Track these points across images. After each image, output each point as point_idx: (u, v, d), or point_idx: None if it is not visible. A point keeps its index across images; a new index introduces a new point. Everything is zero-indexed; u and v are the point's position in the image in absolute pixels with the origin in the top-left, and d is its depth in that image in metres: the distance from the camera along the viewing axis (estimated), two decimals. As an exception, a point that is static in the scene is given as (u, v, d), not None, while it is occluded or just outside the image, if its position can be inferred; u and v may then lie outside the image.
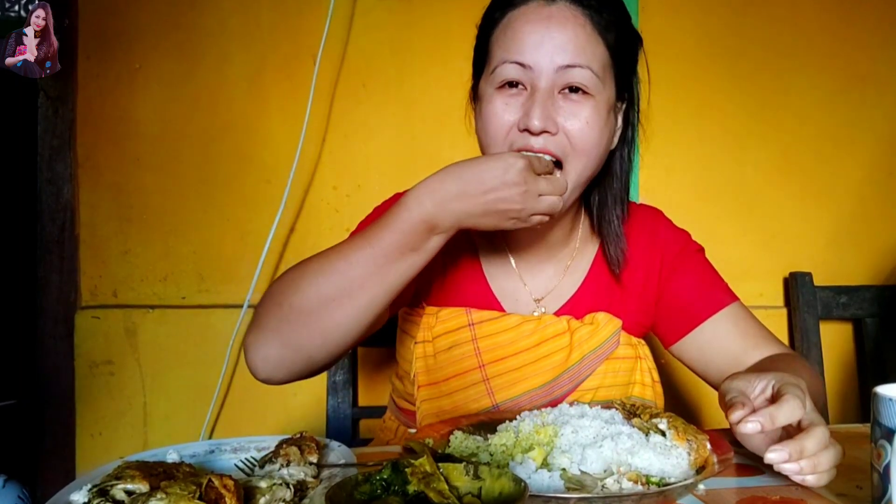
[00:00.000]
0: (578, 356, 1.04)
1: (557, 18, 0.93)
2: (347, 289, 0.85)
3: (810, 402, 0.73)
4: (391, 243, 0.85)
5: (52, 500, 0.66)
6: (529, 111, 0.92)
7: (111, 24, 1.70)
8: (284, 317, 0.87)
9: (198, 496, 0.61)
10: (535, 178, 0.84)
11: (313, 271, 0.87)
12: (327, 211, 1.76)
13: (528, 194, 0.84)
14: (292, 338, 0.87)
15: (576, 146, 0.94)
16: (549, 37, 0.92)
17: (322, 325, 0.86)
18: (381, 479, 0.63)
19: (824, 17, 1.90)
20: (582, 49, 0.93)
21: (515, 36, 0.94)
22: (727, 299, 1.09)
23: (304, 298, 0.86)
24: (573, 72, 0.92)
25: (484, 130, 0.97)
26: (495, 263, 1.11)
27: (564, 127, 0.93)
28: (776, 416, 0.69)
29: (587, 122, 0.94)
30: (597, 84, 0.94)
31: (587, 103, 0.94)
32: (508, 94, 0.95)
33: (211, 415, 1.70)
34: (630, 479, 0.72)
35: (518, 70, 0.93)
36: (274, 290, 0.90)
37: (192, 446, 0.85)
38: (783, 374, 0.77)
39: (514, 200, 0.84)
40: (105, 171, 1.71)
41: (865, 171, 1.93)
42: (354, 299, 0.86)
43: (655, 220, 1.16)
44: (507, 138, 0.95)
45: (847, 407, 1.90)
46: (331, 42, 1.71)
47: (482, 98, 0.99)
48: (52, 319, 1.69)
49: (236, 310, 1.69)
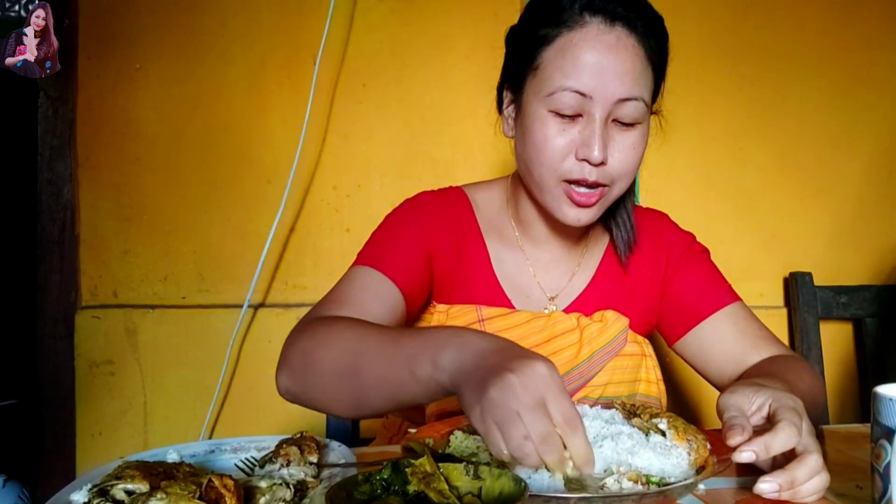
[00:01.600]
0: (588, 353, 1.06)
1: (617, 48, 0.93)
2: (360, 378, 0.83)
3: (807, 424, 0.73)
4: (410, 386, 0.76)
5: (53, 499, 0.66)
6: (589, 142, 0.93)
7: (111, 24, 1.70)
8: (306, 366, 0.87)
9: (198, 496, 0.61)
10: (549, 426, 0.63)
11: (343, 337, 0.86)
12: (327, 211, 1.76)
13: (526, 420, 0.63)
14: (307, 386, 0.88)
15: (622, 172, 0.97)
16: (611, 67, 0.92)
17: (334, 393, 0.86)
18: (382, 479, 0.63)
19: (825, 18, 1.90)
20: (637, 81, 0.94)
21: (577, 63, 0.93)
22: (729, 299, 1.10)
23: (325, 360, 0.86)
24: (629, 105, 0.94)
25: (535, 151, 0.97)
26: (508, 260, 1.12)
27: (614, 154, 0.96)
28: (771, 446, 0.69)
29: (634, 148, 0.97)
30: (645, 113, 0.97)
31: (636, 131, 0.97)
32: (564, 120, 0.95)
33: (211, 415, 1.69)
34: (630, 479, 0.72)
35: (577, 98, 0.93)
36: (305, 336, 0.90)
37: (192, 446, 0.85)
38: (781, 393, 0.76)
39: (511, 405, 0.63)
40: (105, 171, 1.71)
41: (865, 172, 1.93)
42: (361, 390, 0.83)
43: (661, 223, 1.18)
44: (562, 165, 0.96)
45: (847, 407, 1.91)
46: (331, 42, 1.71)
47: (531, 116, 0.98)
48: (52, 319, 1.69)
49: (236, 309, 1.69)
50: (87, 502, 0.63)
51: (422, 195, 1.13)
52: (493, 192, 1.16)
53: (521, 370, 0.63)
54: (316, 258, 1.76)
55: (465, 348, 0.70)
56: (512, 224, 1.14)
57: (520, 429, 0.61)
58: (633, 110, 0.94)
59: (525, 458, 0.61)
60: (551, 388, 0.63)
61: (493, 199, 1.15)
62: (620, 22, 0.93)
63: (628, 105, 0.94)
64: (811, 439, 0.72)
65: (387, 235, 1.08)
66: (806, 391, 0.92)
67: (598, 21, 0.93)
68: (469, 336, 0.73)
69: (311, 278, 1.75)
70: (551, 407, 0.63)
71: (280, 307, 1.74)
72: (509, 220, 1.14)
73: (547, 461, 0.61)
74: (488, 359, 0.67)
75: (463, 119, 1.79)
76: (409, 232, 1.07)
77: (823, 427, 1.09)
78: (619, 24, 0.93)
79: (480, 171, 1.77)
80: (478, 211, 1.13)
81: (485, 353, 0.68)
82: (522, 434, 0.61)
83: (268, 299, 1.75)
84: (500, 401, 0.62)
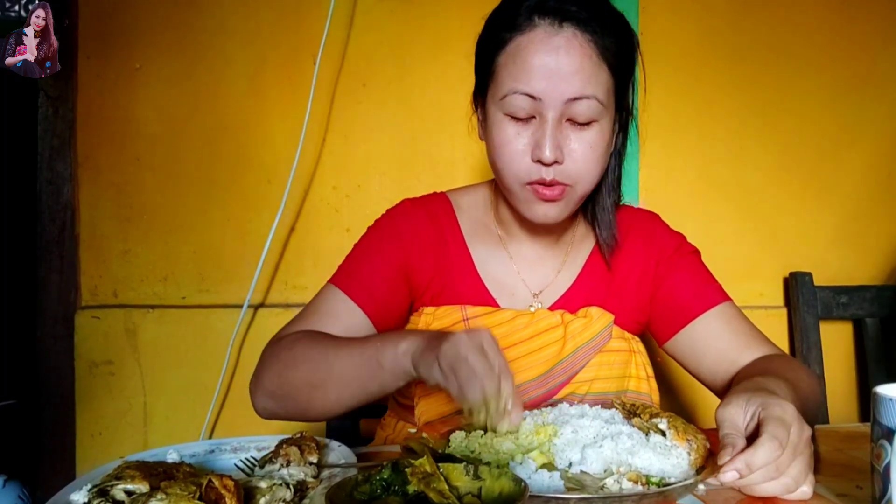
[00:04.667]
0: (572, 348, 1.07)
1: (565, 49, 0.94)
2: (332, 383, 0.96)
3: (797, 424, 0.73)
4: (377, 376, 0.92)
5: (53, 499, 0.66)
6: (541, 142, 0.95)
7: (111, 24, 1.70)
8: (279, 385, 0.99)
9: (198, 496, 0.61)
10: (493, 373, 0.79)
11: (307, 357, 0.97)
12: (327, 211, 1.77)
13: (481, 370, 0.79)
14: (285, 403, 1.00)
15: (582, 170, 0.99)
16: (558, 69, 0.94)
17: (309, 402, 0.98)
18: (381, 479, 0.64)
19: (825, 17, 1.90)
20: (588, 80, 0.95)
21: (524, 66, 0.95)
22: (719, 298, 1.11)
23: (296, 377, 0.97)
24: (580, 103, 0.95)
25: (496, 155, 1.01)
26: (491, 259, 1.14)
27: (571, 153, 0.97)
28: (752, 463, 0.69)
29: (591, 146, 0.98)
30: (601, 111, 0.97)
31: (593, 129, 0.98)
32: (518, 123, 0.98)
33: (211, 415, 1.70)
34: (630, 479, 0.72)
35: (527, 101, 0.95)
36: (276, 353, 1.01)
37: (192, 446, 0.85)
38: (771, 400, 0.75)
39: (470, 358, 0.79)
40: (105, 171, 1.71)
41: (865, 172, 1.93)
42: (336, 392, 0.96)
43: (653, 223, 1.19)
44: (520, 167, 0.98)
45: (847, 407, 1.91)
46: (331, 42, 1.71)
47: (491, 119, 1.01)
48: (52, 319, 1.69)
49: (236, 310, 1.69)
50: (87, 502, 0.64)
51: (402, 205, 1.17)
52: (478, 194, 1.19)
53: (469, 332, 0.81)
54: (316, 258, 1.76)
55: (421, 335, 0.87)
56: (495, 224, 1.16)
57: (466, 366, 0.77)
58: (586, 109, 0.95)
59: (472, 388, 0.77)
60: (491, 345, 0.80)
61: (477, 202, 1.18)
62: (570, 22, 0.95)
63: (580, 104, 0.95)
64: (783, 432, 0.71)
65: (361, 253, 1.13)
66: (805, 390, 0.93)
67: (547, 23, 0.95)
68: (424, 331, 0.91)
69: (310, 278, 1.76)
70: (490, 357, 0.79)
71: (280, 307, 1.75)
72: (493, 220, 1.16)
73: (487, 388, 0.77)
74: (441, 336, 0.82)
75: (462, 119, 1.75)
76: (382, 250, 1.11)
77: (823, 427, 1.09)
78: (568, 24, 0.94)
79: (480, 171, 1.78)
80: (461, 214, 1.16)
81: (438, 335, 0.84)
82: (469, 369, 0.77)
83: (268, 299, 1.75)
84: (450, 350, 0.79)
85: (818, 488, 0.75)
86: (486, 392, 0.77)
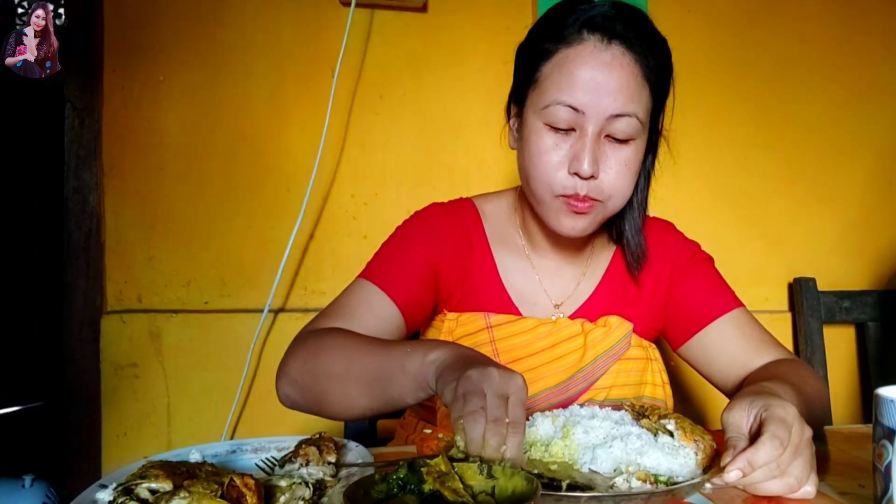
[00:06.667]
0: (592, 356, 1.08)
1: (612, 65, 0.94)
2: (353, 378, 0.92)
3: (798, 426, 0.74)
4: (402, 384, 0.86)
5: (78, 498, 0.67)
6: (579, 156, 0.95)
7: (136, 38, 1.72)
8: (302, 373, 0.96)
9: (220, 495, 0.62)
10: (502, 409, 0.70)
11: (334, 347, 0.95)
12: (345, 218, 1.79)
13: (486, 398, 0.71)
14: (305, 393, 0.96)
15: (615, 186, 0.99)
16: (605, 84, 0.94)
17: (327, 394, 0.94)
18: (398, 478, 0.64)
19: (829, 30, 1.93)
20: (631, 98, 0.95)
21: (571, 78, 0.95)
22: (732, 304, 1.12)
23: (319, 367, 0.94)
24: (622, 121, 0.95)
25: (531, 163, 1.00)
26: (515, 269, 1.14)
27: (607, 170, 0.97)
28: (754, 461, 0.70)
29: (626, 164, 0.98)
30: (639, 129, 0.98)
31: (629, 147, 0.98)
32: (557, 134, 0.97)
33: (232, 416, 1.72)
34: (639, 478, 0.73)
35: (570, 112, 0.95)
36: (305, 341, 0.99)
37: (214, 446, 0.85)
38: (773, 401, 0.76)
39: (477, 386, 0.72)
40: (130, 180, 1.72)
41: (868, 180, 1.95)
42: (356, 389, 0.92)
43: (667, 232, 1.20)
44: (555, 178, 0.98)
45: (850, 408, 1.93)
46: (349, 55, 1.74)
47: (529, 128, 1.00)
48: (78, 323, 1.71)
49: (257, 314, 1.71)
50: (112, 501, 0.63)
51: (431, 207, 1.16)
52: (502, 202, 1.19)
53: (504, 372, 0.73)
54: (334, 264, 1.79)
55: (454, 350, 0.81)
56: (519, 233, 1.16)
57: (481, 401, 0.69)
58: (626, 126, 0.96)
59: (474, 426, 0.67)
60: (519, 396, 0.71)
61: (501, 210, 1.18)
62: (618, 40, 0.95)
63: (621, 121, 0.95)
64: (784, 431, 0.72)
65: (392, 250, 1.11)
66: (811, 393, 0.94)
67: (596, 38, 0.95)
68: (460, 346, 0.84)
69: (329, 283, 1.78)
70: (510, 407, 0.70)
71: (299, 312, 1.77)
72: (517, 229, 1.16)
73: (489, 440, 0.67)
74: (474, 360, 0.76)
75: (477, 129, 1.82)
76: (414, 247, 1.10)
77: (826, 428, 1.09)
78: (616, 43, 0.95)
79: (494, 180, 1.80)
80: (486, 221, 1.15)
81: (470, 357, 0.78)
82: (481, 405, 0.69)
83: (288, 304, 1.77)
84: (475, 379, 0.71)
85: (821, 487, 0.76)
86: (486, 439, 0.68)
